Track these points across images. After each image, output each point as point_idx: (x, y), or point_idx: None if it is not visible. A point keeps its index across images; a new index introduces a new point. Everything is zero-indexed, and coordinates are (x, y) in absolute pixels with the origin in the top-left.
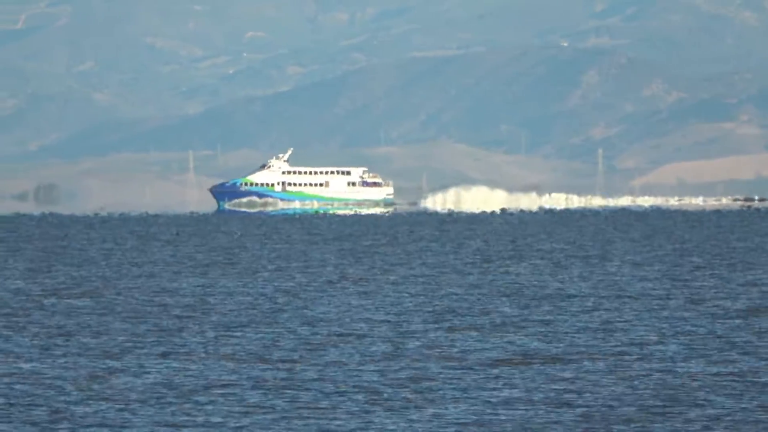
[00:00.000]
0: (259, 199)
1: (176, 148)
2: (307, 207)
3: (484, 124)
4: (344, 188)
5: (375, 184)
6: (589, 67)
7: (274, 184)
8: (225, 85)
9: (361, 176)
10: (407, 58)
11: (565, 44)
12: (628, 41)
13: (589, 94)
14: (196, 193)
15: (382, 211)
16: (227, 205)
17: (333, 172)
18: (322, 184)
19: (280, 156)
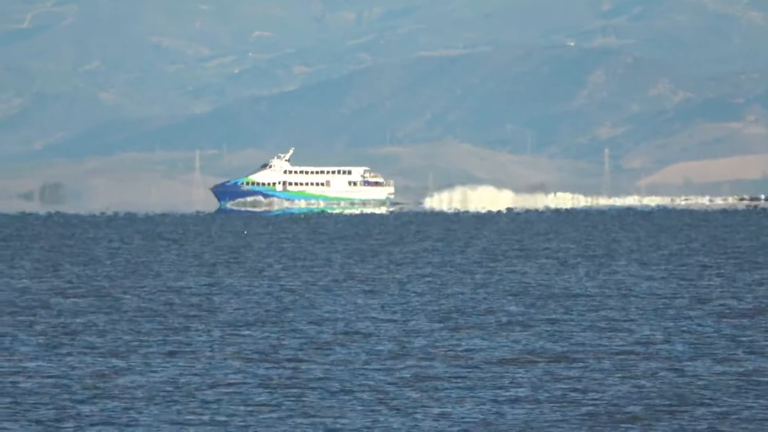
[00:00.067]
0: (261, 199)
1: (182, 148)
2: (310, 206)
3: (490, 123)
4: (345, 188)
5: (376, 183)
6: (596, 67)
7: (275, 184)
8: (231, 84)
9: (362, 176)
10: (413, 58)
11: (572, 44)
12: (635, 41)
13: (595, 93)
14: (202, 193)
15: (387, 211)
16: (229, 205)
17: (334, 172)
18: (323, 184)
19: (282, 155)
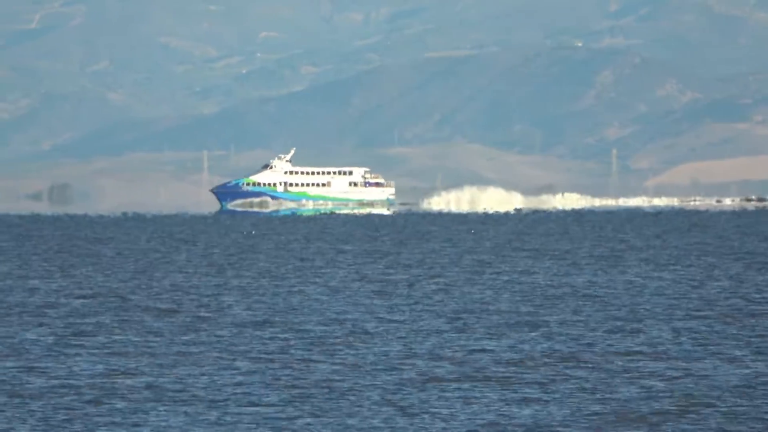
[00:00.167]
0: (262, 199)
1: (190, 148)
2: (312, 207)
3: (499, 124)
4: (346, 188)
5: (377, 184)
6: (603, 68)
7: (276, 184)
8: (239, 85)
9: (363, 176)
10: (421, 59)
11: (579, 44)
12: (642, 41)
13: (603, 94)
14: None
15: (394, 211)
16: (230, 205)
17: (335, 173)
18: (324, 184)
19: (283, 156)
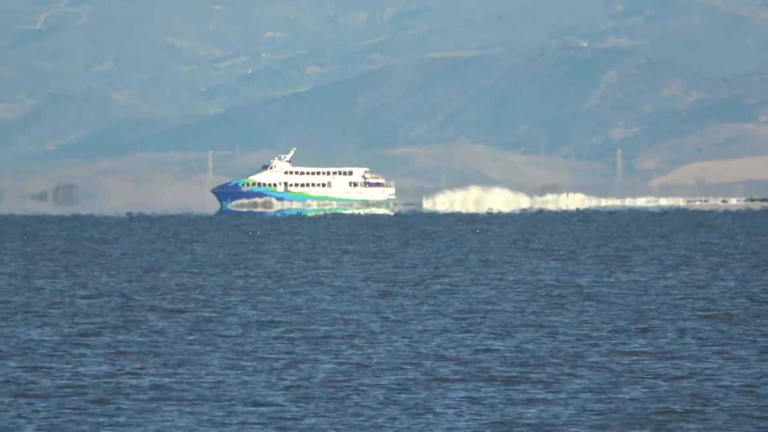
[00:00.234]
0: (262, 200)
1: (195, 148)
2: (311, 207)
3: (503, 124)
4: (346, 188)
5: (377, 184)
6: (609, 68)
7: (276, 185)
8: (244, 85)
9: (363, 176)
10: (426, 59)
11: (585, 44)
12: (648, 41)
13: (608, 94)
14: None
15: (395, 211)
16: (230, 206)
17: (335, 173)
18: (324, 185)
19: (283, 156)
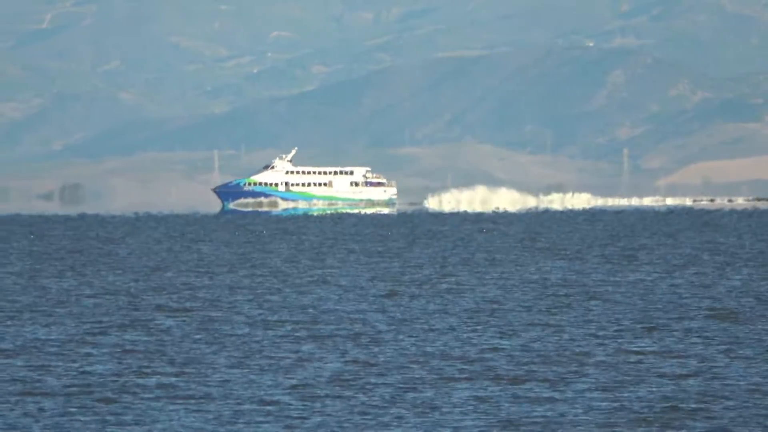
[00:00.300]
0: (263, 199)
1: (201, 148)
2: (312, 207)
3: (510, 124)
4: (347, 188)
5: (379, 183)
6: (615, 67)
7: (277, 184)
8: (250, 84)
9: (365, 176)
10: (432, 59)
11: (591, 44)
12: (654, 41)
13: (614, 94)
14: None
15: (396, 211)
16: (231, 205)
17: (336, 172)
18: (325, 184)
19: (284, 156)
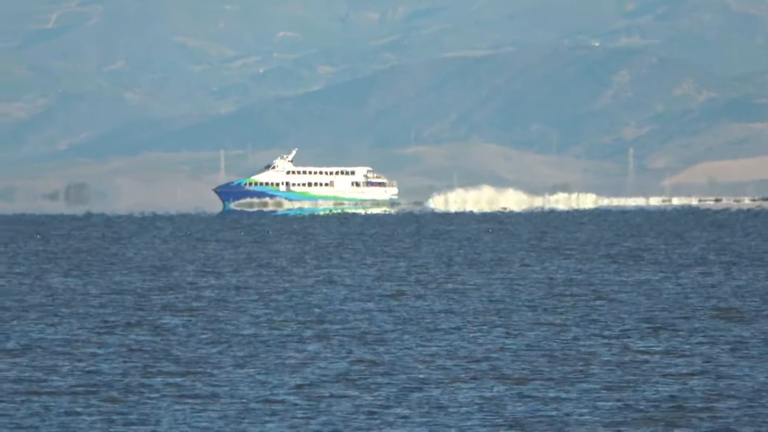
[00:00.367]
0: (264, 199)
1: (207, 148)
2: (312, 207)
3: (515, 124)
4: (349, 188)
5: (380, 184)
6: (620, 67)
7: (278, 184)
8: (256, 84)
9: (366, 176)
10: (438, 58)
11: (596, 44)
12: (659, 41)
13: (620, 93)
14: None
15: (397, 210)
16: (233, 205)
17: (337, 172)
18: (326, 184)
19: (285, 156)
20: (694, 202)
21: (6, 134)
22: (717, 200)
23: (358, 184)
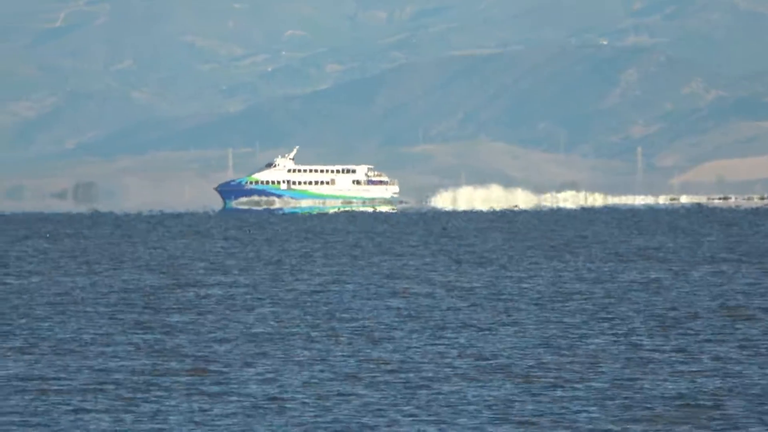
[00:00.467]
0: (265, 198)
1: (215, 146)
2: (314, 205)
3: (523, 122)
4: (350, 186)
5: (381, 182)
6: (628, 66)
7: (279, 182)
8: (264, 83)
9: (367, 174)
10: (446, 57)
11: (604, 42)
12: (668, 39)
13: (628, 92)
14: None
15: (398, 209)
16: (233, 204)
17: (338, 171)
18: (327, 182)
19: (286, 154)
20: (703, 200)
21: (14, 133)
22: (725, 198)
23: (359, 183)
